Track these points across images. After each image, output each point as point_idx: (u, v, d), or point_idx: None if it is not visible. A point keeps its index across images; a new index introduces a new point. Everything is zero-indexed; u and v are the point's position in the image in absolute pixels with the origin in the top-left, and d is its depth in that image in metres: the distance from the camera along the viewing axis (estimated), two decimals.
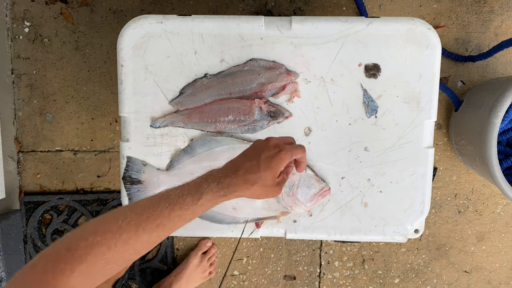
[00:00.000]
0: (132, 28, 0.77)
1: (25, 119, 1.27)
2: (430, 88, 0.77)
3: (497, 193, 1.26)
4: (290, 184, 0.78)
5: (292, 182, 0.78)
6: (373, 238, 0.81)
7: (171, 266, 1.30)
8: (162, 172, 0.79)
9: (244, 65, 0.78)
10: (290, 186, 0.78)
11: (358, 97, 0.78)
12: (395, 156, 0.79)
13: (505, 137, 1.08)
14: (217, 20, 0.76)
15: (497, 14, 1.20)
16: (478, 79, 1.22)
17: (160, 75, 0.78)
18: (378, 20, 0.76)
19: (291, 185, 0.78)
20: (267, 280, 1.30)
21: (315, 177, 0.79)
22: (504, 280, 1.29)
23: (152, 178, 0.79)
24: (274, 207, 0.80)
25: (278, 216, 0.81)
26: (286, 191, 0.78)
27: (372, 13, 1.21)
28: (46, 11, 1.24)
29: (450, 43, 1.21)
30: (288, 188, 0.78)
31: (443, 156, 1.25)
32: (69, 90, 1.26)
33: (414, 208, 0.80)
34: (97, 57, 1.24)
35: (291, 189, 0.78)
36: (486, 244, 1.28)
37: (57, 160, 1.27)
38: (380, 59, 0.77)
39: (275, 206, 0.80)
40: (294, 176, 0.78)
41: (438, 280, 1.30)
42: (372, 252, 1.29)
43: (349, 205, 0.80)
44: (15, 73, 1.26)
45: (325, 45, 0.77)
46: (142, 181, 0.79)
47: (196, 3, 1.23)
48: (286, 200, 0.78)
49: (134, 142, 0.80)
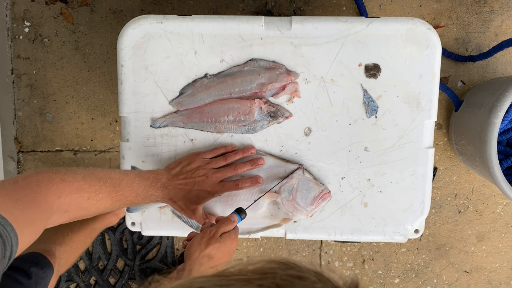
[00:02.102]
0: (132, 28, 0.77)
1: (25, 119, 1.27)
2: (430, 88, 0.77)
3: (497, 193, 1.26)
4: (289, 188, 0.77)
5: (291, 186, 0.77)
6: (373, 238, 0.81)
7: (171, 266, 1.30)
8: None
9: (244, 65, 0.78)
10: (290, 190, 0.77)
11: (358, 97, 0.78)
12: (395, 156, 0.79)
13: (505, 137, 1.08)
14: (217, 20, 0.76)
15: (497, 14, 1.20)
16: (478, 79, 1.22)
17: (160, 75, 0.78)
18: (378, 20, 0.76)
19: (290, 189, 0.77)
20: None
21: (313, 180, 0.78)
22: (504, 280, 1.29)
23: None
24: (276, 215, 0.80)
25: (280, 224, 0.80)
26: (286, 196, 0.77)
27: (372, 13, 1.21)
28: (46, 11, 1.24)
29: (450, 43, 1.21)
30: (287, 193, 0.77)
31: (443, 156, 1.25)
32: (69, 90, 1.25)
33: (414, 208, 0.80)
34: (97, 57, 1.24)
35: (291, 193, 0.77)
36: (486, 244, 1.28)
37: (57, 160, 1.27)
38: (380, 59, 0.77)
39: (277, 213, 0.80)
40: (292, 180, 0.78)
41: (438, 280, 1.30)
42: (372, 252, 1.29)
43: (349, 205, 0.80)
44: (15, 73, 1.26)
45: (325, 45, 0.77)
46: None
47: (196, 3, 1.23)
48: (287, 205, 0.77)
49: (134, 142, 0.80)
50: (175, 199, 0.73)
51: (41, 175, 0.56)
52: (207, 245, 0.68)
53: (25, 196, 0.52)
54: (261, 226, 0.81)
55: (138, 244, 1.30)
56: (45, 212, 0.54)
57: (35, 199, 0.53)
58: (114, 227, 1.29)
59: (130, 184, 0.67)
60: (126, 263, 1.30)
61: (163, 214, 0.82)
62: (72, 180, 0.59)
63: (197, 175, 0.74)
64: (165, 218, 0.82)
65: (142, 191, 0.69)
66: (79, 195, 0.60)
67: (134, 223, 0.82)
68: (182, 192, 0.73)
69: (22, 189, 0.53)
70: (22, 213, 0.50)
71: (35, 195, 0.53)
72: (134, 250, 1.30)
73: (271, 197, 0.78)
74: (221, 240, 0.68)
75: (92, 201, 0.62)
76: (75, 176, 0.60)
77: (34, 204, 0.52)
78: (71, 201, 0.59)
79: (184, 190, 0.73)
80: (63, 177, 0.58)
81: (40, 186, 0.55)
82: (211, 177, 0.74)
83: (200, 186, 0.73)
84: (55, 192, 0.56)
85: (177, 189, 0.73)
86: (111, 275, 1.31)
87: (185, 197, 0.73)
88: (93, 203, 0.62)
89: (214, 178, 0.74)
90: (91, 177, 0.62)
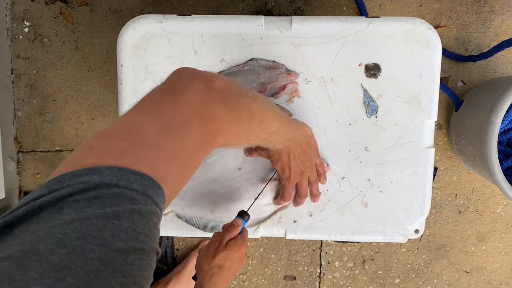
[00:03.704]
0: (132, 28, 0.77)
1: (25, 119, 1.27)
2: (430, 88, 0.77)
3: (498, 193, 1.26)
4: None
5: None
6: (374, 238, 0.81)
7: (171, 266, 1.29)
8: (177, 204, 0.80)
9: (244, 65, 0.78)
10: None
11: (358, 97, 0.78)
12: (395, 156, 0.79)
13: (505, 137, 1.08)
14: (217, 20, 0.76)
15: (498, 14, 1.20)
16: (479, 79, 1.22)
17: (160, 75, 0.78)
18: (378, 20, 0.76)
19: None
20: (267, 280, 1.30)
21: None
22: (504, 280, 1.29)
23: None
24: None
25: (287, 205, 0.80)
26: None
27: (372, 13, 1.21)
28: (46, 11, 1.24)
29: (450, 43, 1.21)
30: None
31: (443, 156, 1.25)
32: (68, 90, 1.25)
33: (415, 208, 0.80)
34: (96, 57, 1.24)
35: None
36: (487, 244, 1.28)
37: (57, 160, 1.27)
38: (381, 59, 0.77)
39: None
40: None
41: (438, 280, 1.30)
42: (373, 252, 1.29)
43: (349, 205, 0.80)
44: (15, 73, 1.26)
45: (325, 45, 0.76)
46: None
47: (196, 3, 1.23)
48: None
49: None
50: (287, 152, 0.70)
51: (224, 124, 0.44)
52: (214, 255, 0.67)
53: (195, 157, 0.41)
54: (270, 212, 0.80)
55: None
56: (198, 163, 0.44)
57: (200, 160, 0.42)
58: None
59: (277, 130, 0.60)
60: None
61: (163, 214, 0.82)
62: (244, 133, 0.49)
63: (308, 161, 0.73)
64: (165, 218, 0.82)
65: (279, 138, 0.63)
66: (233, 137, 0.49)
67: None
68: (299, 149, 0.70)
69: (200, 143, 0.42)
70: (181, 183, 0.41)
71: (203, 153, 0.43)
72: None
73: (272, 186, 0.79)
74: (227, 248, 0.68)
75: (240, 142, 0.52)
76: (242, 116, 0.48)
77: (195, 167, 0.42)
78: (220, 143, 0.48)
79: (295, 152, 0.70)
80: (238, 130, 0.47)
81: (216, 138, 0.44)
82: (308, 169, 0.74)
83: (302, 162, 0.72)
84: (219, 144, 0.46)
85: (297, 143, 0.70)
86: None
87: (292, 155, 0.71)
88: (238, 144, 0.53)
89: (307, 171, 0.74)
90: (255, 118, 0.51)
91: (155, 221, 0.34)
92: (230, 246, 0.68)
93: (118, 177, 0.32)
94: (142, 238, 0.32)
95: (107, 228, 0.29)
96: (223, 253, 0.67)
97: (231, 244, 0.68)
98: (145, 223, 0.32)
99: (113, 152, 0.34)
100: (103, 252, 0.28)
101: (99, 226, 0.29)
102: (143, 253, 0.31)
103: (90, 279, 0.27)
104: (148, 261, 0.32)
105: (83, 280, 0.27)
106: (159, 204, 0.35)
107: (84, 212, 0.30)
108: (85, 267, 0.27)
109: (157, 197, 0.34)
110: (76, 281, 0.26)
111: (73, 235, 0.28)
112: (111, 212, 0.30)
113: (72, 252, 0.27)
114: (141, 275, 0.31)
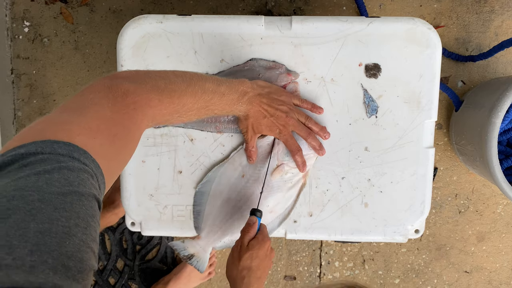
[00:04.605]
0: (132, 28, 0.77)
1: (25, 119, 1.27)
2: (430, 88, 0.77)
3: (498, 193, 1.26)
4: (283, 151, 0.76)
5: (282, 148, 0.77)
6: (374, 238, 0.81)
7: (171, 266, 1.29)
8: (197, 240, 0.80)
9: (244, 65, 0.78)
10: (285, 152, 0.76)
11: (359, 97, 0.78)
12: (395, 156, 0.79)
13: (505, 137, 1.07)
14: (217, 20, 0.76)
15: (498, 14, 1.20)
16: (479, 79, 1.22)
17: None
18: (378, 20, 0.76)
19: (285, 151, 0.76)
20: (267, 280, 1.30)
21: None
22: (504, 281, 1.29)
23: (196, 247, 0.80)
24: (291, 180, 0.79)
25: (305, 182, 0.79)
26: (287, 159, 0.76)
27: (372, 13, 1.21)
28: (46, 11, 1.24)
29: (450, 43, 1.21)
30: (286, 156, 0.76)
31: (443, 156, 1.25)
32: (68, 90, 1.25)
33: (415, 208, 0.80)
34: (96, 57, 1.24)
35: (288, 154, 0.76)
36: (487, 244, 1.28)
37: None
38: (381, 59, 0.77)
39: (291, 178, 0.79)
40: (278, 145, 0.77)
41: (438, 280, 1.30)
42: (373, 252, 1.29)
43: (350, 205, 0.80)
44: (15, 73, 1.26)
45: (325, 45, 0.76)
46: (193, 254, 0.79)
47: (196, 3, 1.23)
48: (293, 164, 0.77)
49: None
50: (250, 116, 0.71)
51: (139, 96, 0.47)
52: (239, 259, 0.68)
53: (121, 130, 0.44)
54: (293, 199, 0.80)
55: (138, 244, 1.30)
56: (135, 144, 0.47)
57: (129, 132, 0.45)
58: (114, 227, 1.29)
59: (220, 98, 0.62)
60: (126, 263, 1.30)
61: (163, 214, 0.82)
62: (169, 102, 0.53)
63: (280, 109, 0.71)
64: (165, 218, 0.82)
65: (229, 105, 0.66)
66: (171, 116, 0.55)
67: (134, 223, 0.82)
68: (259, 114, 0.71)
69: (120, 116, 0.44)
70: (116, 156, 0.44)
71: (130, 126, 0.45)
72: (134, 250, 1.30)
73: (279, 172, 0.78)
74: (249, 248, 0.68)
75: (181, 118, 0.58)
76: (172, 97, 0.53)
77: (127, 141, 0.45)
78: (160, 120, 0.53)
79: (261, 113, 0.71)
80: (161, 98, 0.51)
81: (137, 111, 0.47)
82: (289, 120, 0.72)
83: (276, 119, 0.71)
84: (150, 118, 0.49)
85: (258, 107, 0.70)
86: (111, 275, 1.31)
87: (257, 119, 0.72)
88: (181, 120, 0.58)
89: (290, 122, 0.72)
90: (186, 95, 0.56)
91: (87, 175, 0.37)
92: (252, 246, 0.68)
93: (42, 147, 0.35)
94: (76, 184, 0.35)
95: (40, 180, 0.33)
96: (247, 254, 0.68)
97: (252, 244, 0.68)
98: (76, 175, 0.35)
99: (33, 134, 0.38)
100: (41, 195, 0.32)
101: (32, 180, 0.33)
102: (81, 196, 0.35)
103: (33, 214, 0.31)
104: (89, 204, 0.35)
105: (27, 216, 0.30)
106: (88, 165, 0.37)
107: (18, 175, 0.33)
108: (27, 207, 0.31)
109: (85, 160, 0.37)
110: (21, 217, 0.30)
111: (10, 188, 0.32)
112: (41, 170, 0.34)
113: (11, 199, 0.31)
114: (84, 212, 0.34)
